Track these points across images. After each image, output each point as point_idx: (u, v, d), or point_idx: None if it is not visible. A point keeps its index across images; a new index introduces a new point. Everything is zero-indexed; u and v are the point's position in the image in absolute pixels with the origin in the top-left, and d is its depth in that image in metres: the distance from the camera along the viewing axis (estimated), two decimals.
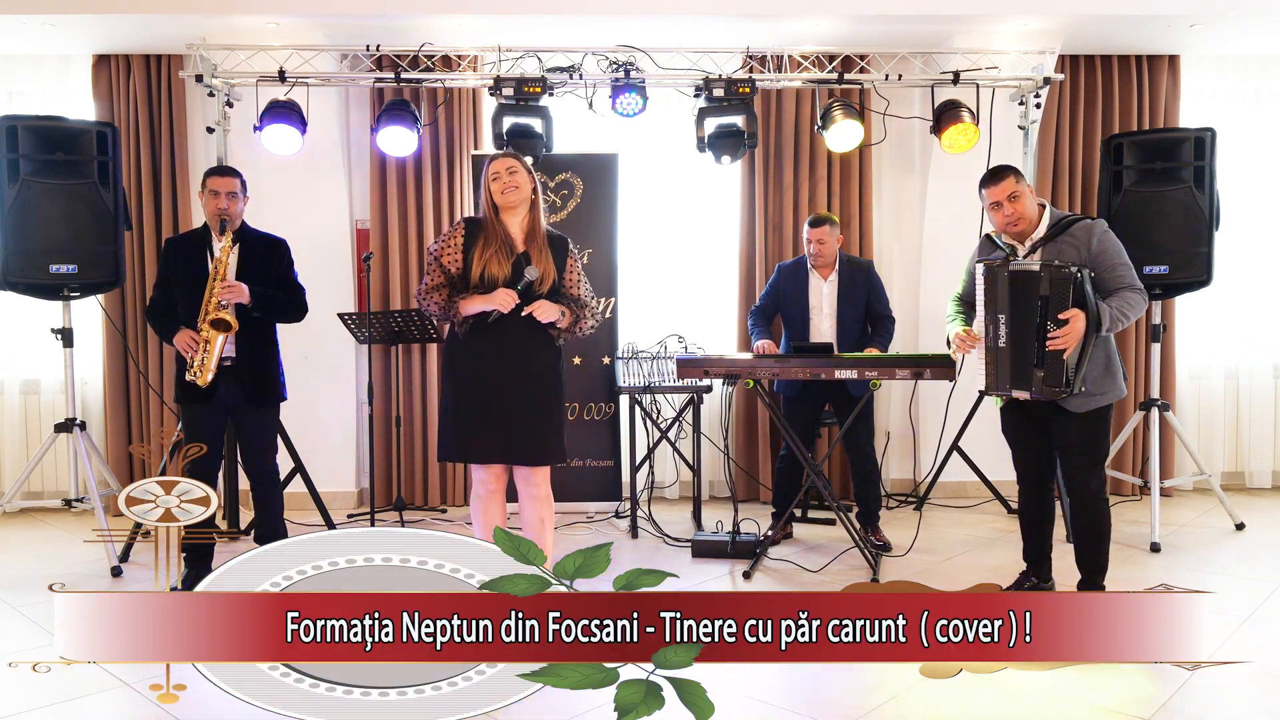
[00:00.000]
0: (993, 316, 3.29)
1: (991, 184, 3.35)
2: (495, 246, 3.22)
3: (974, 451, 5.23)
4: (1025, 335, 3.21)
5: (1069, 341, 3.13)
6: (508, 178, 3.23)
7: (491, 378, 3.21)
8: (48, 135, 4.33)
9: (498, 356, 3.21)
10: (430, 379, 5.48)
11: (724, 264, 5.69)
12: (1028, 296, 3.20)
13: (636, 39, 4.92)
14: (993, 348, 3.30)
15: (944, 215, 5.50)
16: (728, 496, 5.30)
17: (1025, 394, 3.25)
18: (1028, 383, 3.23)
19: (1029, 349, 3.20)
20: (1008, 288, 3.25)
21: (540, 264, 3.23)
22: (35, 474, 5.06)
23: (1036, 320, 3.16)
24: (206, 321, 3.66)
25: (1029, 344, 3.20)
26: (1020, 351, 3.23)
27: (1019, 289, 3.23)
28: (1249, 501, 5.49)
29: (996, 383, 3.31)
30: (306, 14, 4.84)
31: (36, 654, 3.20)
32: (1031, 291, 3.18)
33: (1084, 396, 3.26)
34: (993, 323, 3.29)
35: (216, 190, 3.80)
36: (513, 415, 3.21)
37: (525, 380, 3.23)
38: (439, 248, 3.28)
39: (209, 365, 3.68)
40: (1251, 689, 2.82)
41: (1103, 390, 3.29)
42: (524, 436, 3.22)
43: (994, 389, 3.33)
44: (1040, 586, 3.64)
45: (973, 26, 5.07)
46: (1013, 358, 3.25)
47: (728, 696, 2.80)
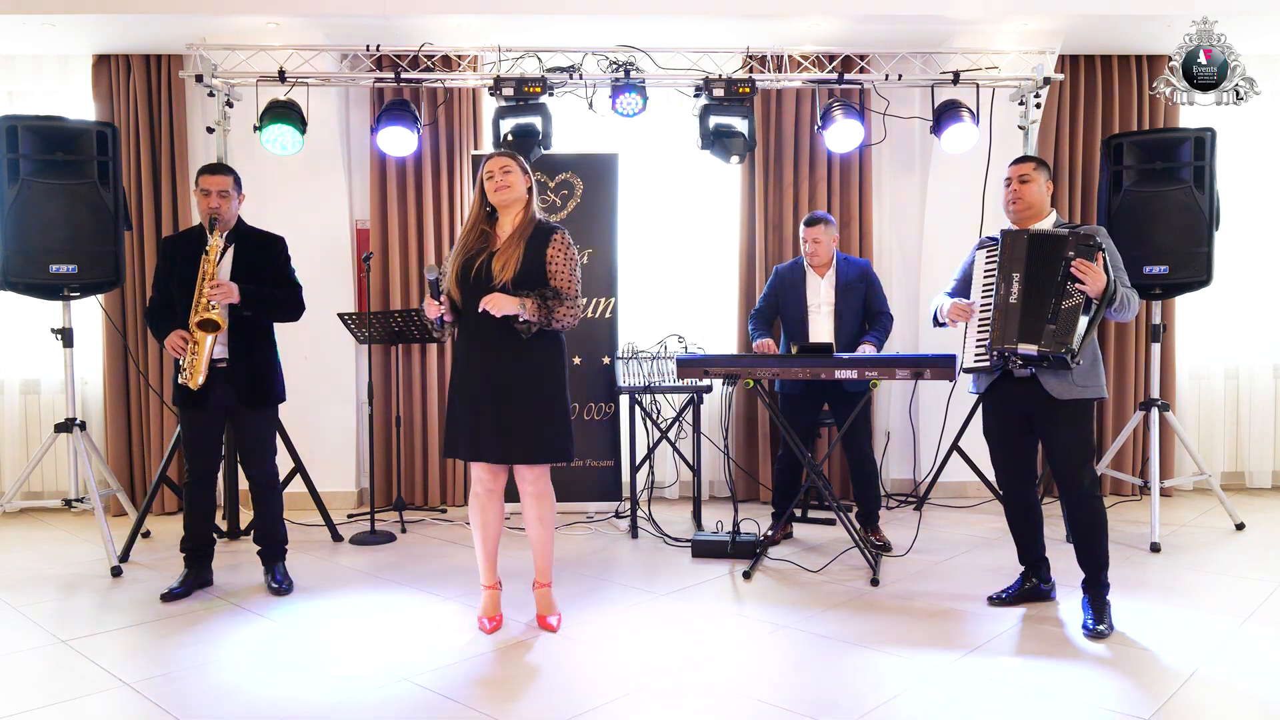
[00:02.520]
0: (1005, 276, 3.35)
1: (1015, 163, 3.53)
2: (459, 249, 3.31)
3: (974, 451, 5.23)
4: (1041, 292, 3.27)
5: (1093, 277, 3.18)
6: (501, 177, 3.26)
7: (480, 378, 3.25)
8: (48, 135, 4.33)
9: (482, 357, 3.26)
10: (430, 379, 5.48)
11: (724, 264, 5.69)
12: (1050, 256, 3.27)
13: (636, 39, 4.92)
14: (1000, 305, 3.34)
15: (944, 215, 5.50)
16: (728, 496, 5.31)
17: (1033, 347, 3.26)
18: (1037, 337, 3.25)
19: (1044, 305, 3.25)
20: (1025, 248, 3.32)
21: (501, 257, 3.20)
22: (35, 474, 5.07)
23: (1058, 278, 3.23)
24: (194, 322, 3.64)
25: (1045, 300, 3.25)
26: (1034, 307, 3.27)
27: (1039, 249, 3.30)
28: (1249, 501, 5.49)
29: (1002, 337, 3.32)
30: (306, 14, 4.84)
31: (37, 654, 3.21)
32: (1055, 252, 3.26)
33: (1069, 382, 3.31)
34: (1004, 282, 3.35)
35: (208, 189, 3.76)
36: (506, 414, 3.23)
37: (516, 378, 3.24)
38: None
39: (199, 367, 3.65)
40: (1251, 689, 2.82)
41: (1086, 383, 3.34)
42: (518, 435, 3.24)
43: (996, 344, 3.34)
44: (1040, 587, 3.65)
45: (973, 26, 5.07)
46: (1024, 313, 3.29)
47: (727, 696, 2.80)
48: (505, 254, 3.22)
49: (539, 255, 3.24)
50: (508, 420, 3.23)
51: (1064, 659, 3.06)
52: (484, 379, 3.24)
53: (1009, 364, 3.36)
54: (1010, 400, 3.46)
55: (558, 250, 3.27)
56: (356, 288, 5.54)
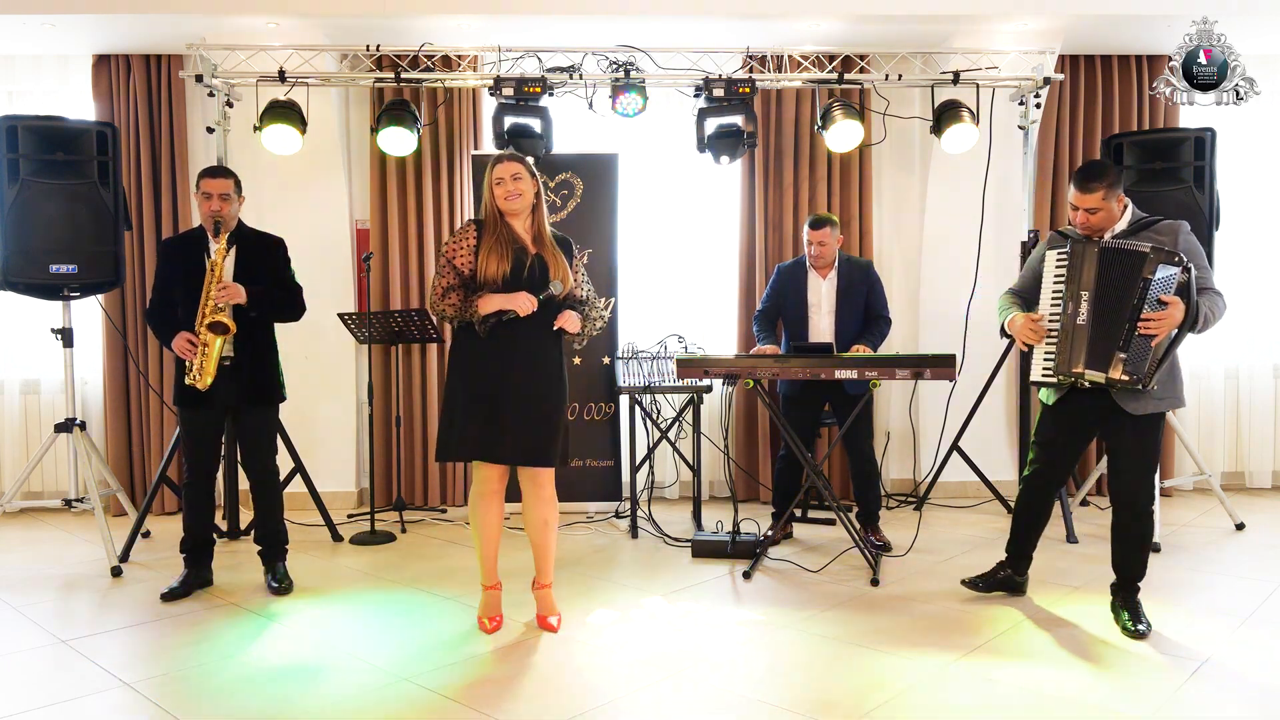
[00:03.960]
0: (1073, 294, 3.16)
1: (1080, 191, 3.21)
2: (503, 247, 3.23)
3: (974, 451, 5.23)
4: (1114, 315, 3.07)
5: (1165, 326, 3.00)
6: (512, 184, 3.25)
7: (503, 378, 3.22)
8: (48, 135, 4.33)
9: (510, 357, 3.23)
10: (430, 379, 5.48)
11: (724, 264, 5.69)
12: (1125, 275, 3.06)
13: (636, 39, 4.92)
14: (1067, 327, 3.17)
15: (944, 215, 5.50)
16: (728, 496, 5.31)
17: (1101, 376, 3.10)
18: (1106, 365, 3.07)
19: (1116, 330, 3.05)
20: (1096, 263, 3.12)
21: (557, 272, 3.26)
22: (35, 474, 5.07)
23: (1133, 302, 3.02)
24: (204, 325, 3.66)
25: (1117, 324, 3.05)
26: (1104, 331, 3.08)
27: (1113, 266, 3.09)
28: (1249, 501, 5.49)
29: (1069, 363, 3.16)
30: (306, 14, 4.84)
31: (36, 654, 3.21)
32: (1132, 271, 3.04)
33: (1147, 398, 3.15)
34: (1072, 300, 3.17)
35: (209, 192, 3.76)
36: (521, 416, 3.22)
37: (534, 382, 3.25)
38: (451, 249, 3.28)
39: (209, 369, 3.67)
40: (1251, 689, 2.82)
41: (1164, 395, 3.19)
42: (531, 437, 3.23)
43: (1063, 369, 3.18)
44: (1013, 578, 3.66)
45: (973, 26, 5.07)
46: (1092, 337, 3.11)
47: (727, 696, 2.80)
48: (557, 266, 3.27)
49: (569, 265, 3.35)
50: (527, 423, 3.22)
51: (1064, 659, 3.06)
52: (507, 381, 3.22)
53: (1078, 384, 3.22)
54: (1080, 413, 3.31)
55: (578, 262, 3.42)
56: (356, 288, 5.54)
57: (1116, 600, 3.37)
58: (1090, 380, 3.16)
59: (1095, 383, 3.15)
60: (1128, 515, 3.29)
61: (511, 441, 3.21)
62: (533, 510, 3.35)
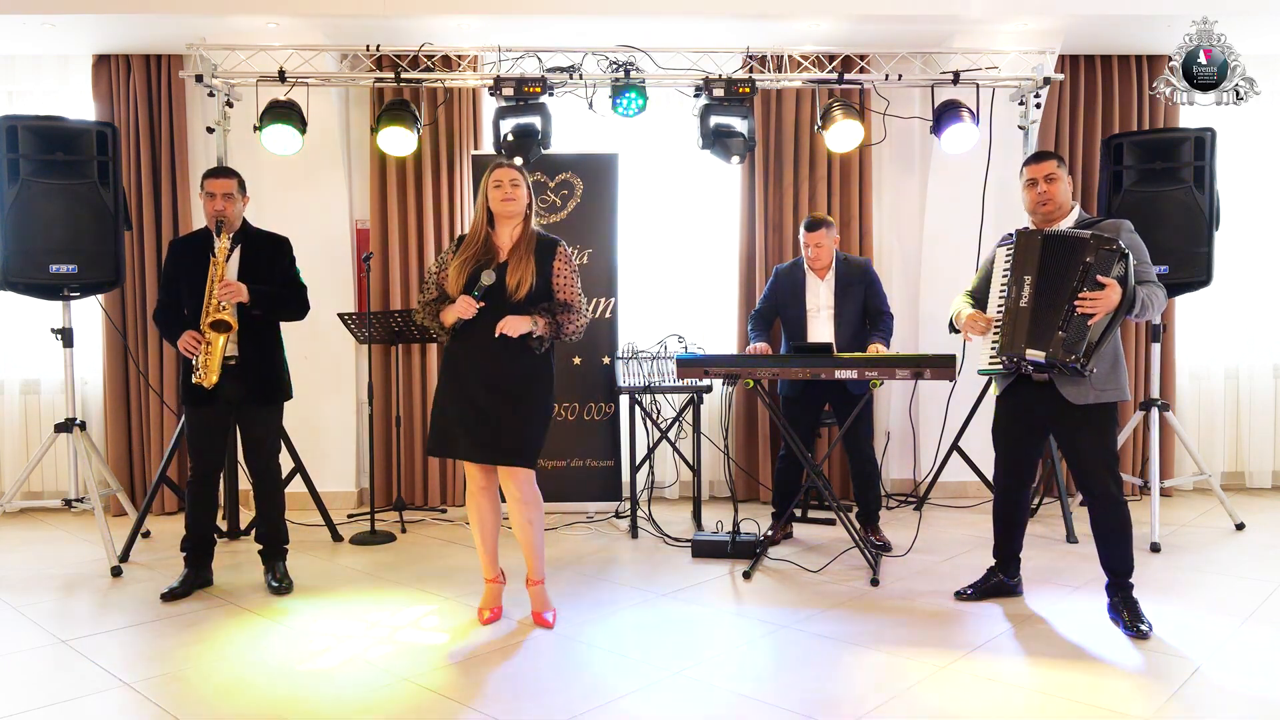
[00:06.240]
0: (1016, 279, 3.28)
1: (1034, 162, 3.47)
2: (466, 255, 3.33)
3: (974, 451, 5.22)
4: (1054, 297, 3.19)
5: (1102, 306, 3.11)
6: (510, 189, 3.34)
7: (470, 381, 3.31)
8: (48, 135, 4.33)
9: (474, 361, 3.32)
10: (430, 379, 5.48)
11: (724, 264, 5.69)
12: (1066, 260, 3.19)
13: (636, 39, 4.92)
14: (1011, 309, 3.28)
15: (944, 215, 5.50)
16: (728, 496, 5.31)
17: (1041, 354, 3.20)
18: (1046, 343, 3.19)
19: (1055, 310, 3.17)
20: (1039, 250, 3.25)
21: (516, 272, 3.28)
22: (35, 474, 5.06)
23: (1073, 284, 3.14)
24: (207, 323, 3.68)
25: (1057, 306, 3.17)
26: (1044, 312, 3.20)
27: (1055, 251, 3.22)
28: (1249, 501, 5.49)
29: (1011, 343, 3.26)
30: (306, 14, 4.84)
31: (37, 654, 3.21)
32: (1072, 256, 3.17)
33: (1087, 387, 3.25)
34: (1015, 284, 3.28)
35: (213, 192, 3.81)
36: (488, 417, 3.28)
37: (504, 383, 3.30)
38: (439, 267, 3.42)
39: (213, 366, 3.69)
40: (1251, 689, 2.82)
41: (1106, 386, 3.28)
42: (499, 438, 3.29)
43: (1006, 349, 3.28)
44: (1006, 582, 3.67)
45: (973, 26, 5.07)
46: (1033, 318, 3.23)
47: (727, 696, 2.80)
48: (517, 268, 3.29)
49: (546, 268, 3.36)
50: (491, 424, 3.28)
51: (1064, 659, 3.06)
52: (474, 383, 3.31)
53: (1022, 369, 3.31)
54: (1026, 404, 3.42)
55: (563, 263, 3.39)
56: (356, 288, 5.54)
57: (1116, 600, 3.37)
58: (1030, 358, 3.24)
59: (1036, 362, 3.24)
60: (1099, 509, 3.35)
61: (479, 441, 3.29)
62: (512, 510, 3.41)
